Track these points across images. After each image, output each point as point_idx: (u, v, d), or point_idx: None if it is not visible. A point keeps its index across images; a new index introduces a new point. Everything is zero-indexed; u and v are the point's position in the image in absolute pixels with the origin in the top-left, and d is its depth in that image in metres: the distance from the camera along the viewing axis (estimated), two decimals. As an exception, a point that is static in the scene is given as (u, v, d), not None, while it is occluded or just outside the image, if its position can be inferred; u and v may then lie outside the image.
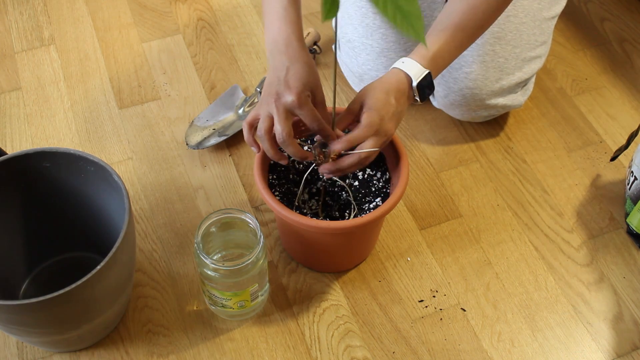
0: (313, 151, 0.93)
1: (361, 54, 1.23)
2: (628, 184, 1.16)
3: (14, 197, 0.99)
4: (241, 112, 1.27)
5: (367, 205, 1.02)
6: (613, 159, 1.18)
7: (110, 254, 0.86)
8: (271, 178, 1.03)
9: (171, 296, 1.07)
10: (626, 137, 1.25)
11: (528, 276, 1.11)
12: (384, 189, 1.03)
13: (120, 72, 1.35)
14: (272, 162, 1.04)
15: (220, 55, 1.39)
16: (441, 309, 1.07)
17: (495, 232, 1.16)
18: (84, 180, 0.98)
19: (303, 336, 1.04)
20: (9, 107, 1.30)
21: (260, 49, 1.40)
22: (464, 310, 1.07)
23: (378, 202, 1.01)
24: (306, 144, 0.98)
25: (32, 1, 1.47)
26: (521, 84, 1.22)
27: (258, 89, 1.29)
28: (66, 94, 1.32)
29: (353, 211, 1.02)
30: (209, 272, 0.94)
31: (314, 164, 0.99)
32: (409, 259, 1.12)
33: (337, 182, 1.04)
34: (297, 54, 0.92)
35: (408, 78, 0.96)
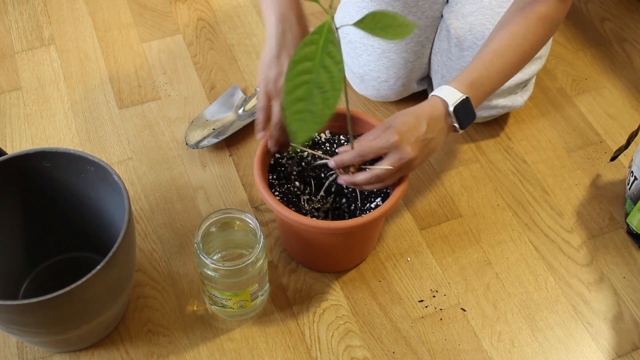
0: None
1: (362, 55, 1.23)
2: (628, 184, 1.16)
3: (14, 197, 0.99)
4: (241, 112, 1.27)
5: (367, 205, 1.02)
6: (613, 159, 1.18)
7: (110, 254, 0.86)
8: (271, 178, 1.03)
9: (171, 296, 1.07)
10: (626, 137, 1.25)
11: (528, 276, 1.11)
12: (384, 189, 1.03)
13: (120, 72, 1.35)
14: (272, 162, 1.04)
15: (220, 55, 1.39)
16: (441, 309, 1.07)
17: (495, 232, 1.16)
18: (84, 180, 0.98)
19: (303, 336, 1.04)
20: (9, 107, 1.30)
21: (260, 49, 1.40)
22: (464, 310, 1.07)
23: (378, 202, 1.01)
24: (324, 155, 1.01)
25: (32, 1, 1.47)
26: (521, 85, 1.22)
27: (258, 89, 1.29)
28: (66, 94, 1.32)
29: (356, 206, 1.02)
30: (209, 272, 0.94)
31: (334, 175, 1.00)
32: (409, 259, 1.12)
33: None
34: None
35: (444, 103, 0.94)
